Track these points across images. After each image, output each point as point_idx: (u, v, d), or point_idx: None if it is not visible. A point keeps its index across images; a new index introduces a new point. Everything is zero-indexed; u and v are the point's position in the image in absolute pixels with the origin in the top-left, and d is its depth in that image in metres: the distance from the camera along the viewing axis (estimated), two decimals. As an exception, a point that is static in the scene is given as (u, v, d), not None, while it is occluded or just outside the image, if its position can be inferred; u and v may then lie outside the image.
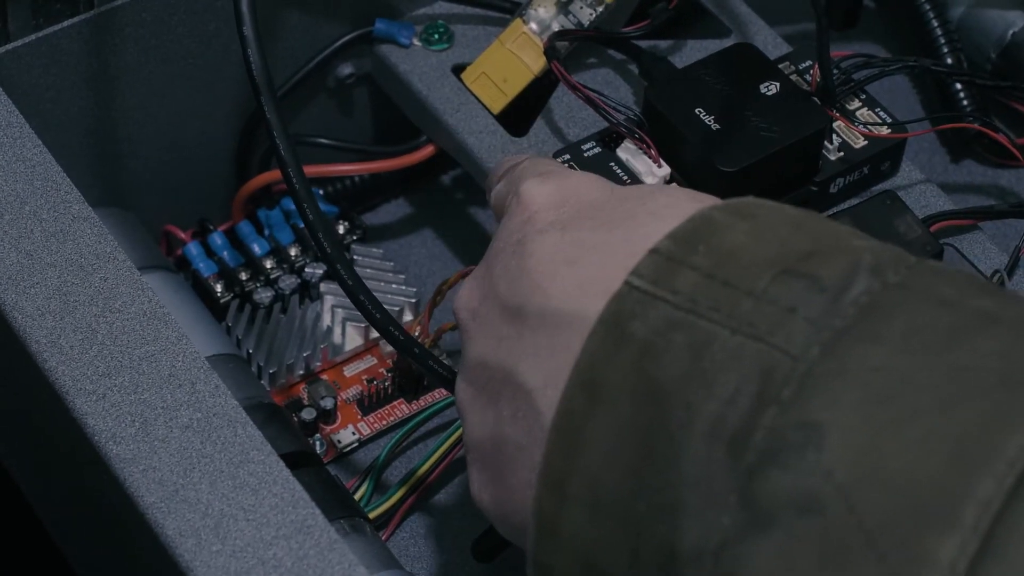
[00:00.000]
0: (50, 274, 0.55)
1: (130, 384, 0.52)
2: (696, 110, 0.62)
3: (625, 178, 0.62)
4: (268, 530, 0.50)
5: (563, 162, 0.63)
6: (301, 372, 0.67)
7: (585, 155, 0.63)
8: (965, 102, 0.75)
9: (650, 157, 0.62)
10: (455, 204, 0.75)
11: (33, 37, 0.61)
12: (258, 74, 0.54)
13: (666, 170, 0.62)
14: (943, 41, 0.75)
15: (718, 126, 0.62)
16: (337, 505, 0.59)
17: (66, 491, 0.62)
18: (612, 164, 0.63)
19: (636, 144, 0.62)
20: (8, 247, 0.55)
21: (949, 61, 0.75)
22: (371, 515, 0.63)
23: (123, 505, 0.51)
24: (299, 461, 0.60)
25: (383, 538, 0.63)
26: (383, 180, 0.74)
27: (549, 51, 0.65)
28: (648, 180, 0.62)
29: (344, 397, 0.67)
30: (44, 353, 0.53)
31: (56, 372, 0.53)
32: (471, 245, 0.73)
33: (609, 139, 0.63)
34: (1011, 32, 0.75)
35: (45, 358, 0.53)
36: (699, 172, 0.62)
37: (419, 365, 0.57)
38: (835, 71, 0.64)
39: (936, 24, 0.75)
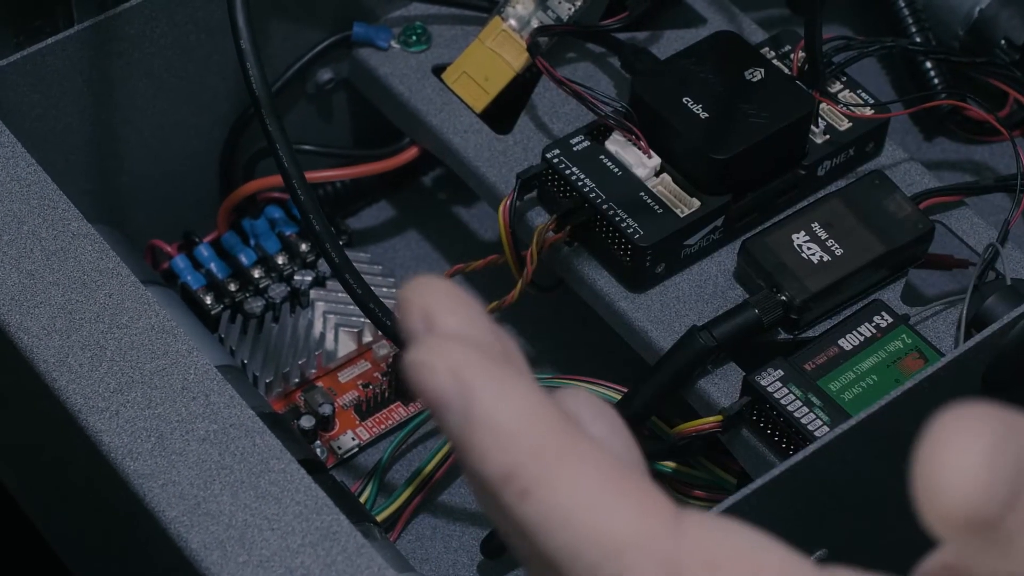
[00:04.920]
0: (54, 292, 0.54)
1: (143, 399, 0.52)
2: (684, 100, 0.62)
3: (616, 171, 0.62)
4: (294, 538, 0.50)
5: (553, 157, 0.62)
6: (297, 380, 0.67)
7: (575, 149, 0.63)
8: (937, 80, 0.75)
9: (640, 148, 0.62)
10: (438, 204, 0.75)
11: (17, 56, 0.60)
12: (257, 87, 0.54)
13: (656, 161, 0.62)
14: (911, 20, 0.76)
15: (707, 115, 0.62)
16: (347, 511, 0.59)
17: (78, 512, 0.62)
18: (602, 157, 0.63)
19: (625, 136, 0.63)
20: (9, 267, 0.55)
21: (918, 40, 0.75)
22: (378, 518, 0.63)
23: (143, 522, 0.51)
24: (307, 469, 0.60)
25: (390, 540, 0.63)
26: (365, 184, 0.73)
27: (532, 47, 0.65)
28: (639, 171, 0.62)
29: (341, 403, 0.67)
30: (53, 372, 0.53)
31: (67, 391, 0.52)
32: (456, 244, 0.73)
33: (597, 132, 0.63)
34: (978, 9, 0.75)
35: (54, 377, 0.53)
36: (690, 161, 0.62)
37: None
38: (816, 54, 0.64)
39: (903, 3, 0.76)
